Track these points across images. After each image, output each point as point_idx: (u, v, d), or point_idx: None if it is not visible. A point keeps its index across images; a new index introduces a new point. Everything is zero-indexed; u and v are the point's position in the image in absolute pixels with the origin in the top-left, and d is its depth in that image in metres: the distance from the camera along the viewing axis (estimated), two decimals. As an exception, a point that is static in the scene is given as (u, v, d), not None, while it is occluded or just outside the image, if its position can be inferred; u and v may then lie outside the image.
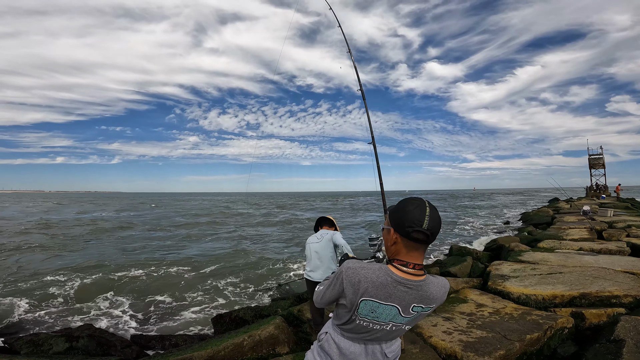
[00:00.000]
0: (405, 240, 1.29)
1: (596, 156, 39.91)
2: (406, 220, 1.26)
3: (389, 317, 1.34)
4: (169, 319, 6.20)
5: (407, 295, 1.31)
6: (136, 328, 5.82)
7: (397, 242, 1.33)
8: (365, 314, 1.34)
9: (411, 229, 1.25)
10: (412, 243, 1.29)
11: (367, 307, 1.32)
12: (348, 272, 1.32)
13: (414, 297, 1.31)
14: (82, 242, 15.15)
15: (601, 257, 6.58)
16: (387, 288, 1.29)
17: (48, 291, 7.75)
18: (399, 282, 1.29)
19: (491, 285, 5.07)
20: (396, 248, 1.34)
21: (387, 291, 1.29)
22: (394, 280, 1.29)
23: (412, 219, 1.25)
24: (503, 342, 3.23)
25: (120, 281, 8.65)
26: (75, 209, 43.03)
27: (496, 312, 4.03)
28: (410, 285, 1.30)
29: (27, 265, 10.41)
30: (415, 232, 1.25)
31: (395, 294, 1.30)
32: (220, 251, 13.20)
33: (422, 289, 1.32)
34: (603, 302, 4.22)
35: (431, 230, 1.26)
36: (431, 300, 1.35)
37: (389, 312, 1.33)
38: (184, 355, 3.39)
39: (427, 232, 1.25)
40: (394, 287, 1.29)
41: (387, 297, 1.30)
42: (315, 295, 1.53)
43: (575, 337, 3.74)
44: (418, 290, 1.31)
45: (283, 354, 3.61)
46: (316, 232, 4.24)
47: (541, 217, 17.44)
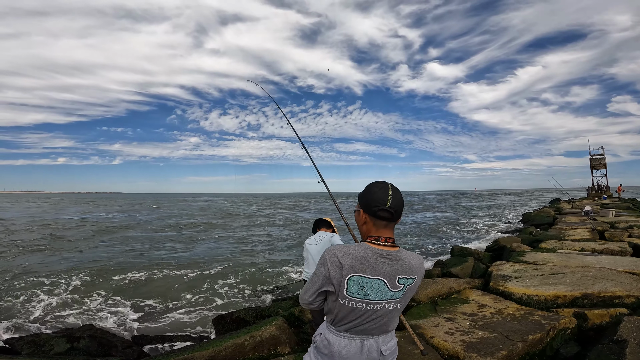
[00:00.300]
0: (374, 219, 1.42)
1: (597, 156, 39.86)
2: (372, 200, 1.40)
3: (379, 294, 1.40)
4: (170, 319, 6.20)
5: (389, 266, 1.39)
6: (137, 329, 5.82)
7: (367, 222, 1.45)
8: (356, 292, 1.38)
9: (377, 208, 1.39)
10: (380, 221, 1.42)
11: (355, 284, 1.37)
12: (330, 253, 1.40)
13: (395, 267, 1.40)
14: (85, 243, 15.16)
15: (603, 257, 6.56)
16: (369, 261, 1.37)
17: (49, 291, 7.76)
18: (378, 253, 1.39)
19: (493, 285, 5.05)
20: (367, 227, 1.46)
21: (369, 264, 1.37)
22: (373, 253, 1.39)
23: (377, 199, 1.39)
24: (505, 342, 3.21)
25: (122, 282, 8.65)
26: (78, 210, 43.15)
27: (498, 313, 4.01)
28: (389, 255, 1.40)
29: (29, 266, 10.42)
30: (381, 211, 1.39)
31: (378, 266, 1.38)
32: (221, 252, 13.20)
33: (400, 258, 1.42)
34: (605, 303, 4.20)
35: (394, 208, 1.39)
36: (412, 270, 1.43)
37: (377, 287, 1.39)
38: (185, 356, 3.38)
39: (391, 210, 1.39)
40: (375, 260, 1.38)
41: (372, 270, 1.37)
42: (300, 295, 1.56)
43: (578, 337, 3.72)
44: (397, 260, 1.41)
45: (284, 355, 3.60)
46: (314, 234, 4.22)
47: (543, 218, 17.41)
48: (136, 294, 7.64)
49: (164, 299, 7.34)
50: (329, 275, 1.39)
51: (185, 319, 6.22)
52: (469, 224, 23.25)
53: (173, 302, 7.11)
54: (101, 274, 9.33)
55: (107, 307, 6.82)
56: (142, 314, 6.48)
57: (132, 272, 9.67)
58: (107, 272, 9.63)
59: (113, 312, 6.55)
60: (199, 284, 8.43)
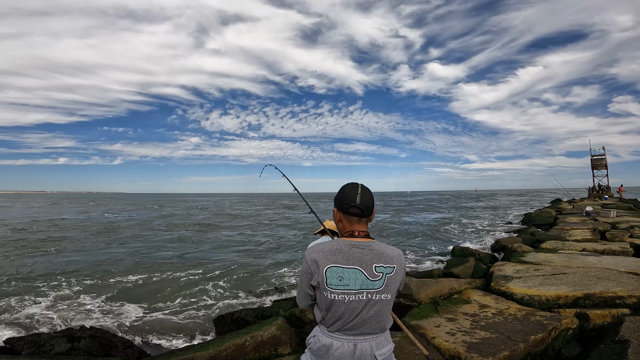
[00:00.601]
0: (347, 216, 1.55)
1: (598, 157, 39.80)
2: (343, 199, 1.54)
3: (358, 283, 1.45)
4: (171, 319, 6.19)
5: (364, 255, 1.47)
6: (138, 329, 5.81)
7: (342, 220, 1.58)
8: (336, 283, 1.44)
9: (348, 205, 1.52)
10: (352, 217, 1.54)
11: (333, 275, 1.44)
12: (308, 251, 1.51)
13: (370, 256, 1.47)
14: (91, 243, 15.17)
15: (604, 257, 6.55)
16: (342, 252, 1.46)
17: (51, 291, 7.76)
18: (352, 244, 1.48)
19: (494, 286, 5.04)
20: (342, 224, 1.58)
21: (344, 255, 1.46)
22: (347, 244, 1.48)
23: (348, 197, 1.53)
24: (507, 343, 3.20)
25: (124, 282, 8.65)
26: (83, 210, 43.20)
27: (500, 313, 4.00)
28: (362, 245, 1.48)
29: (33, 266, 10.43)
30: (352, 207, 1.51)
31: (353, 255, 1.46)
32: (223, 252, 13.20)
33: (373, 247, 1.49)
34: (607, 303, 4.19)
35: (364, 204, 1.51)
36: (389, 258, 1.50)
37: (355, 277, 1.45)
38: (186, 356, 3.38)
39: (361, 206, 1.51)
40: (349, 250, 1.47)
41: (347, 260, 1.45)
42: (297, 297, 1.64)
43: (579, 338, 3.71)
44: (371, 249, 1.48)
45: (285, 355, 3.60)
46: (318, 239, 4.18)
47: (543, 218, 17.37)
48: (137, 294, 7.64)
49: (165, 299, 7.34)
50: (310, 270, 1.48)
51: (186, 319, 6.21)
52: (470, 224, 23.23)
53: (174, 302, 7.11)
54: (104, 274, 9.33)
55: (108, 307, 6.81)
56: (142, 314, 6.47)
57: (134, 272, 9.67)
58: (110, 272, 9.64)
59: (114, 312, 6.54)
60: (200, 284, 8.42)
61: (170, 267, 10.35)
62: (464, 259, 7.65)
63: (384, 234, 18.80)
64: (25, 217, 30.24)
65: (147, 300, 7.25)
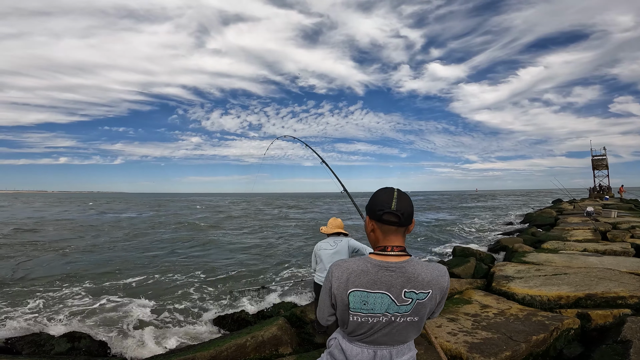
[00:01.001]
0: (380, 225, 1.31)
1: (599, 157, 39.75)
2: (376, 204, 1.31)
3: (383, 307, 1.29)
4: (171, 319, 6.18)
5: (393, 278, 1.27)
6: (138, 328, 5.80)
7: (375, 229, 1.34)
8: (359, 308, 1.30)
9: (381, 212, 1.28)
10: (387, 227, 1.30)
11: (356, 299, 1.29)
12: (333, 267, 1.34)
13: (401, 280, 1.27)
14: (99, 243, 15.17)
15: (606, 258, 6.53)
16: (369, 274, 1.28)
17: (52, 291, 7.76)
18: (380, 266, 1.28)
19: (495, 286, 5.03)
20: (375, 235, 1.35)
21: (370, 277, 1.28)
22: (374, 265, 1.28)
23: (381, 202, 1.30)
24: (509, 343, 3.19)
25: (124, 281, 8.64)
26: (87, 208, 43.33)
27: (501, 313, 3.99)
28: (392, 267, 1.28)
29: (32, 267, 10.42)
30: (386, 214, 1.28)
31: (380, 279, 1.27)
32: (223, 252, 13.20)
33: (406, 269, 1.28)
34: (609, 303, 4.18)
35: (400, 210, 1.28)
36: (423, 284, 1.29)
37: (381, 301, 1.28)
38: (186, 356, 3.38)
39: (397, 212, 1.27)
40: (376, 272, 1.28)
41: (373, 283, 1.27)
42: (317, 315, 1.51)
43: (581, 338, 3.70)
44: (402, 272, 1.28)
45: (286, 355, 3.59)
46: (328, 238, 4.18)
47: (544, 218, 17.35)
48: (137, 294, 7.63)
49: (166, 299, 7.33)
50: (332, 289, 1.34)
51: (186, 319, 6.20)
52: (471, 224, 23.20)
53: (174, 302, 7.10)
54: (105, 274, 9.33)
55: (108, 307, 6.81)
56: (142, 313, 6.46)
57: (135, 271, 9.67)
58: (112, 272, 9.63)
59: (114, 312, 6.54)
60: (200, 284, 8.42)
61: (171, 267, 10.34)
62: (464, 259, 7.64)
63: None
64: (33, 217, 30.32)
65: (147, 299, 7.24)
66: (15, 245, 14.37)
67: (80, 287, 8.18)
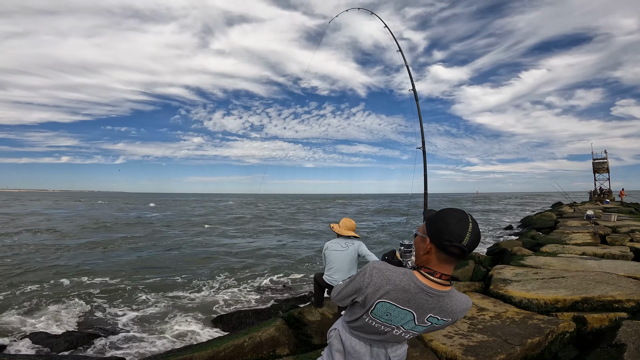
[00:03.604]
0: (440, 253, 1.25)
1: (600, 160, 39.67)
2: (446, 233, 1.20)
3: (402, 322, 1.33)
4: (170, 319, 6.21)
5: (427, 303, 1.28)
6: (137, 327, 5.83)
7: (431, 252, 1.28)
8: (380, 316, 1.33)
9: (449, 243, 1.20)
10: (446, 256, 1.25)
11: (382, 309, 1.31)
12: (374, 271, 1.31)
13: (432, 306, 1.29)
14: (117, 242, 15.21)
15: (604, 261, 6.54)
16: (408, 293, 1.27)
17: (54, 291, 7.80)
18: (422, 289, 1.26)
19: (493, 289, 5.04)
20: (428, 257, 1.30)
21: (407, 296, 1.27)
22: (417, 287, 1.26)
23: (453, 233, 1.19)
24: (504, 346, 3.21)
25: (125, 281, 8.68)
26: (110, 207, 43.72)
27: (497, 316, 4.01)
28: (433, 293, 1.27)
29: (42, 264, 10.47)
30: (453, 247, 1.20)
31: (415, 300, 1.27)
32: (224, 253, 13.24)
33: (444, 300, 1.29)
34: (605, 307, 4.19)
35: (469, 247, 1.20)
36: (449, 314, 1.31)
37: (403, 317, 1.31)
38: (184, 356, 3.40)
39: (465, 248, 1.19)
40: (415, 294, 1.27)
41: (406, 302, 1.28)
42: (333, 291, 1.52)
43: (577, 341, 3.72)
44: (439, 301, 1.28)
45: (283, 356, 3.61)
46: (338, 238, 4.22)
47: (544, 222, 17.34)
48: (137, 294, 7.66)
49: (165, 299, 7.36)
50: (363, 290, 1.32)
51: (185, 319, 6.22)
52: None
53: (174, 302, 7.13)
54: (108, 273, 9.37)
55: (109, 307, 6.84)
56: (142, 313, 6.50)
57: (138, 271, 9.71)
58: (114, 271, 9.67)
59: (114, 312, 6.57)
60: (199, 285, 8.45)
61: (170, 267, 10.38)
62: (463, 261, 7.65)
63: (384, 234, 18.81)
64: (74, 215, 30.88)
65: (146, 300, 7.27)
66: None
67: (92, 286, 8.22)
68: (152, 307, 6.86)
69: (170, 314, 6.47)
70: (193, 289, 8.08)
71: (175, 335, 5.53)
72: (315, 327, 4.23)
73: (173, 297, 7.51)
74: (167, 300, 7.29)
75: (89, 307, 6.78)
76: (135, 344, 5.15)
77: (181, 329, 5.77)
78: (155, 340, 5.31)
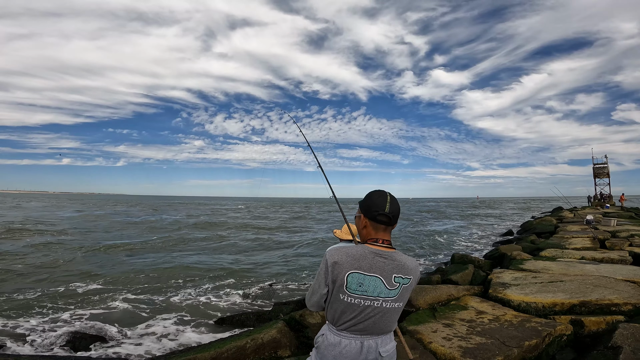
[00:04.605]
0: (373, 223, 1.57)
1: (600, 165, 39.76)
2: (372, 206, 1.56)
3: (376, 290, 1.51)
4: (172, 320, 6.26)
5: (386, 265, 1.52)
6: (140, 329, 5.88)
7: (367, 226, 1.59)
8: (355, 288, 1.50)
9: (376, 213, 1.54)
10: (378, 225, 1.56)
11: (354, 280, 1.50)
12: (330, 252, 1.55)
13: (391, 267, 1.53)
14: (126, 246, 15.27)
15: (603, 266, 6.59)
16: (366, 259, 1.51)
17: (60, 291, 7.85)
18: (375, 253, 1.53)
19: (492, 293, 5.09)
20: (367, 231, 1.60)
21: (367, 262, 1.51)
22: (371, 252, 1.53)
23: (377, 205, 1.54)
24: (502, 348, 3.27)
25: (129, 282, 8.73)
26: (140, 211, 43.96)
27: (496, 319, 4.07)
28: (385, 255, 1.54)
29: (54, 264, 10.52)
30: (380, 215, 1.54)
31: (375, 264, 1.52)
32: (228, 255, 13.29)
33: (396, 258, 1.55)
34: (603, 310, 4.25)
35: (392, 213, 1.54)
36: (408, 270, 1.56)
37: (374, 284, 1.51)
38: (187, 357, 3.46)
39: (389, 214, 1.53)
40: (372, 258, 1.52)
41: (369, 268, 1.51)
42: (307, 298, 1.66)
43: (574, 344, 3.77)
44: (393, 260, 1.54)
45: (285, 357, 3.67)
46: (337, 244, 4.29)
47: (544, 226, 17.37)
48: (142, 294, 7.71)
49: (167, 301, 7.42)
50: (329, 271, 1.52)
51: (187, 321, 6.27)
52: (470, 231, 23.24)
53: (176, 304, 7.18)
54: (112, 274, 9.43)
55: (113, 308, 6.90)
56: (145, 314, 6.55)
57: (142, 271, 9.77)
58: (119, 272, 9.72)
59: (119, 312, 6.63)
60: (202, 287, 8.50)
61: (174, 270, 10.43)
62: (463, 266, 7.70)
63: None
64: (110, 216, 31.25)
65: (151, 300, 7.33)
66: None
67: (92, 286, 8.27)
68: (155, 308, 6.92)
69: (173, 315, 6.52)
70: (194, 291, 8.13)
71: (178, 336, 5.58)
72: (315, 329, 4.28)
73: (176, 299, 7.56)
74: (169, 302, 7.34)
75: (96, 307, 6.84)
76: (138, 344, 5.20)
77: (183, 331, 5.82)
78: (158, 341, 5.36)
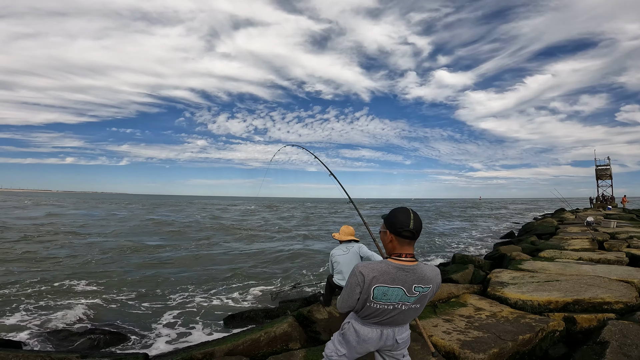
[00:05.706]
0: (398, 238, 1.82)
1: (603, 167, 39.77)
2: (397, 223, 1.80)
3: (398, 297, 1.83)
4: (185, 318, 6.52)
5: (407, 277, 1.81)
6: (156, 325, 6.14)
7: (393, 240, 1.84)
8: (380, 298, 1.83)
9: (402, 229, 1.78)
10: (403, 239, 1.81)
11: (379, 292, 1.81)
12: (360, 268, 1.83)
13: (412, 278, 1.82)
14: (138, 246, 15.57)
15: (599, 266, 6.80)
16: (390, 274, 1.80)
17: (66, 288, 8.13)
18: (398, 268, 1.81)
19: (490, 291, 5.33)
20: (393, 245, 1.85)
21: (391, 276, 1.80)
22: (394, 267, 1.80)
23: (402, 222, 1.79)
24: (497, 341, 3.52)
25: (137, 279, 9.01)
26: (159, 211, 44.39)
27: (493, 315, 4.32)
28: (407, 269, 1.81)
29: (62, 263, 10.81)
30: (405, 231, 1.78)
31: (398, 277, 1.80)
32: (232, 255, 13.57)
33: (417, 271, 1.83)
34: (595, 308, 4.48)
35: (416, 229, 1.79)
36: (427, 281, 1.84)
37: (397, 293, 1.82)
38: (206, 349, 3.73)
39: (414, 230, 1.78)
40: (395, 273, 1.80)
41: (392, 281, 1.80)
42: (337, 304, 2.01)
43: (567, 340, 4.02)
44: (414, 273, 1.82)
45: (295, 350, 3.93)
46: (341, 245, 4.59)
47: (545, 227, 17.54)
48: (153, 290, 7.98)
49: (179, 297, 7.69)
50: (361, 284, 1.80)
51: (198, 318, 6.54)
52: (471, 232, 23.44)
53: (186, 301, 7.45)
54: (119, 273, 9.71)
55: (125, 303, 7.16)
56: (158, 309, 6.81)
57: (150, 269, 10.04)
58: (129, 270, 10.00)
59: (131, 309, 6.89)
60: (209, 284, 8.77)
61: (183, 269, 10.71)
62: (463, 265, 7.94)
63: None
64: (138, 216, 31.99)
65: (162, 297, 7.60)
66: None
67: (111, 285, 8.53)
68: (168, 305, 7.19)
69: (183, 313, 6.79)
70: (202, 290, 8.41)
71: (192, 332, 5.86)
72: (323, 324, 4.54)
73: (186, 297, 7.83)
74: (180, 300, 7.62)
75: (110, 305, 7.11)
76: (156, 340, 5.47)
77: (194, 327, 6.09)
78: (173, 337, 5.63)
